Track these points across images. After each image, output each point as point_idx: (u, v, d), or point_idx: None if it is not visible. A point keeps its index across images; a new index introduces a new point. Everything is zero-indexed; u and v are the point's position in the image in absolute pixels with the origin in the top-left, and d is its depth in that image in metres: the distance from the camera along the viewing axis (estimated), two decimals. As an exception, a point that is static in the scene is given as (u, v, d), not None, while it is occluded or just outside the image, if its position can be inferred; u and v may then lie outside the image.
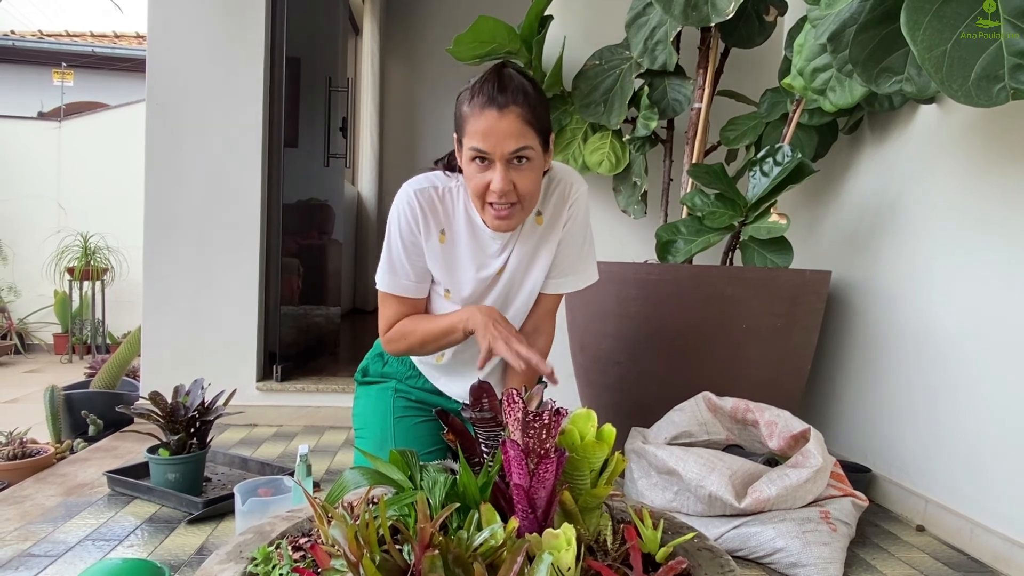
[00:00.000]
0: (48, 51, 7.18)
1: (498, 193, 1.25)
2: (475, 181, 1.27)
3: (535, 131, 1.25)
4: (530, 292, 1.47)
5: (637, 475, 1.67)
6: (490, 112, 1.22)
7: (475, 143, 1.23)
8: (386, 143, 5.78)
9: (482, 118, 1.22)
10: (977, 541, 1.58)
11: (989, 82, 1.20)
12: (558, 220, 1.43)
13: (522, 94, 1.24)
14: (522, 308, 1.49)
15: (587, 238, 1.49)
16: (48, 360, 5.27)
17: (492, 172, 1.24)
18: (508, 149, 1.22)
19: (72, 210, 5.69)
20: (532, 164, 1.27)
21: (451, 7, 5.51)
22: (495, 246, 1.41)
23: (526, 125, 1.23)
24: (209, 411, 1.79)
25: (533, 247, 1.44)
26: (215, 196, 2.59)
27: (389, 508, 0.82)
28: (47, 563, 1.37)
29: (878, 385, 2.00)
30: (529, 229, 1.43)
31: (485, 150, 1.23)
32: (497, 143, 1.22)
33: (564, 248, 1.46)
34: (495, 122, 1.21)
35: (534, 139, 1.25)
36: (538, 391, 0.95)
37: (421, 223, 1.38)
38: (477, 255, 1.41)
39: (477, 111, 1.23)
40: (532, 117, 1.24)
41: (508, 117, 1.21)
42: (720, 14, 1.91)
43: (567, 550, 0.73)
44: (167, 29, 2.56)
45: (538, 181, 1.31)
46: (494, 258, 1.43)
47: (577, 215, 1.44)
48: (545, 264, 1.45)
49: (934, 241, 1.80)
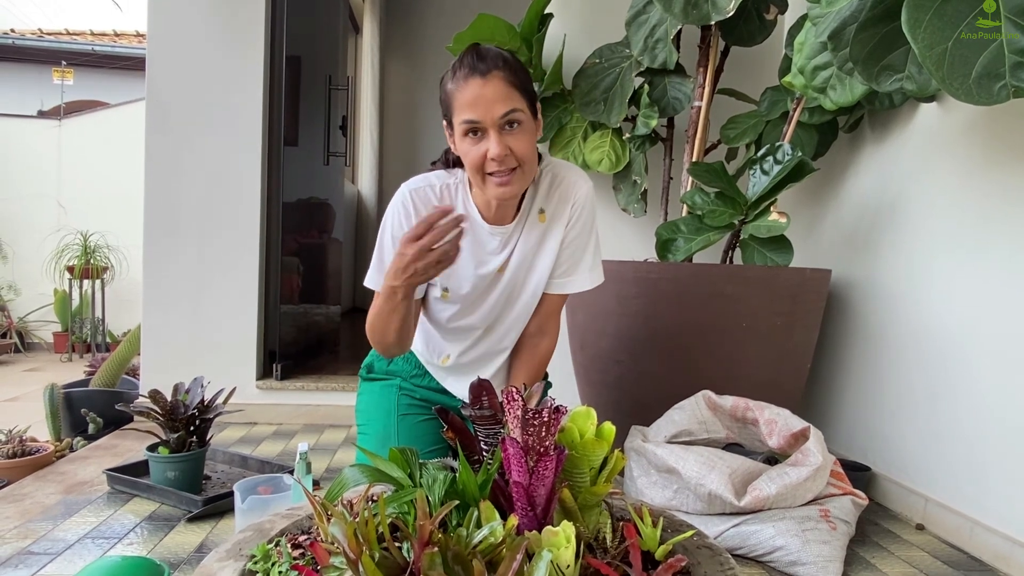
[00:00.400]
0: (48, 49, 7.18)
1: (497, 159, 1.24)
2: (472, 155, 1.26)
3: (521, 94, 1.26)
4: (533, 292, 1.46)
5: (637, 473, 1.67)
6: (474, 81, 1.23)
7: (465, 115, 1.24)
8: (386, 141, 5.77)
9: (467, 88, 1.23)
10: (977, 540, 1.58)
11: (990, 80, 1.19)
12: (561, 217, 1.42)
13: (501, 60, 1.26)
14: (526, 308, 1.48)
15: (593, 237, 1.47)
16: (48, 358, 5.28)
17: (487, 141, 1.25)
18: (498, 113, 1.23)
19: (72, 209, 5.69)
20: (524, 128, 1.27)
21: (451, 5, 5.51)
22: (494, 243, 1.41)
23: (511, 87, 1.24)
24: (209, 409, 1.79)
25: (536, 245, 1.43)
26: (215, 194, 2.59)
27: (388, 506, 0.82)
28: (47, 561, 1.37)
29: (878, 383, 1.99)
30: (531, 227, 1.42)
31: (476, 119, 1.23)
32: (487, 109, 1.22)
33: (569, 247, 1.45)
34: (480, 89, 1.22)
35: (521, 101, 1.26)
36: (538, 389, 0.95)
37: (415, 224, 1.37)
38: (476, 251, 1.40)
39: (461, 83, 1.24)
40: (516, 80, 1.25)
41: (492, 82, 1.23)
42: (720, 12, 1.91)
43: (566, 548, 0.73)
44: (167, 28, 2.56)
45: (533, 144, 1.30)
46: (494, 255, 1.42)
47: (582, 214, 1.43)
48: (548, 263, 1.44)
49: (934, 239, 1.80)
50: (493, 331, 1.51)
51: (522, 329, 1.52)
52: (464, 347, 1.51)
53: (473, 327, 1.49)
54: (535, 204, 1.42)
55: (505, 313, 1.48)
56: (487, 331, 1.51)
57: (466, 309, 1.46)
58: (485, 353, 1.53)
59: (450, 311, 1.46)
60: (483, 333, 1.51)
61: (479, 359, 1.54)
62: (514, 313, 1.48)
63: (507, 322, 1.50)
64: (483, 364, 1.54)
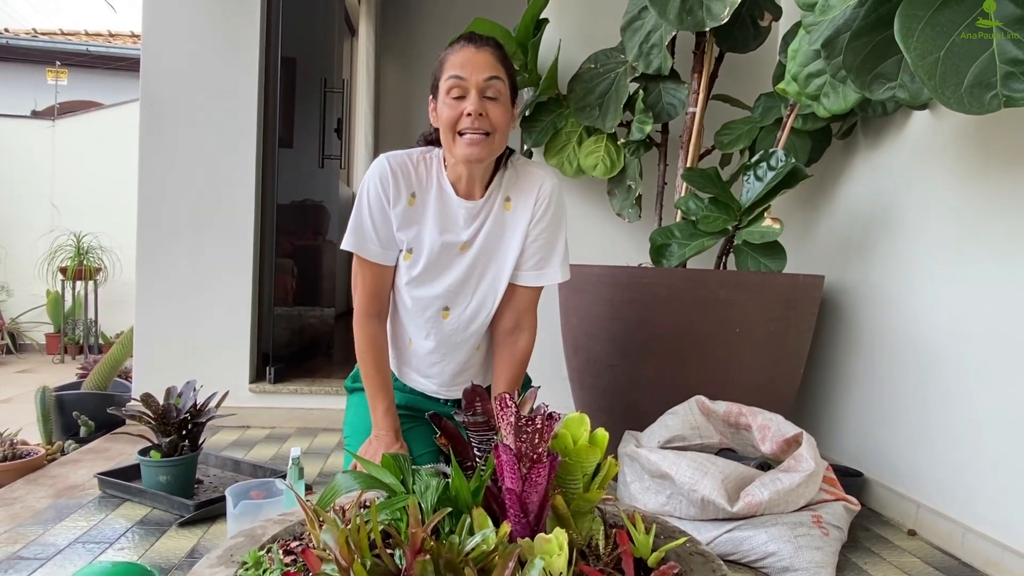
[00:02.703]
0: (42, 49, 7.14)
1: (472, 114, 1.34)
2: (449, 111, 1.36)
3: (505, 72, 1.40)
4: (494, 276, 1.49)
5: (630, 479, 1.67)
6: (468, 48, 1.38)
7: (453, 71, 1.36)
8: (381, 144, 5.77)
9: (461, 52, 1.38)
10: (968, 545, 1.59)
11: (981, 89, 1.20)
12: (526, 209, 1.48)
13: (495, 42, 1.41)
14: (488, 291, 1.50)
15: (560, 233, 1.52)
16: (40, 360, 5.24)
17: (466, 101, 1.36)
18: (483, 76, 1.35)
19: (65, 209, 5.66)
20: (502, 101, 1.38)
21: (447, 9, 5.51)
22: (463, 215, 1.46)
23: (499, 63, 1.39)
24: (201, 413, 1.78)
25: (500, 230, 1.48)
26: (209, 196, 2.58)
27: (381, 512, 0.82)
28: (36, 566, 1.36)
29: (871, 390, 2.00)
30: (497, 212, 1.48)
31: (462, 75, 1.35)
32: (473, 70, 1.35)
33: (537, 240, 1.49)
34: (472, 55, 1.37)
35: (504, 76, 1.39)
36: (531, 395, 0.95)
37: (391, 188, 1.44)
38: (443, 219, 1.46)
39: (456, 49, 1.39)
40: (504, 60, 1.40)
41: (484, 52, 1.38)
42: (715, 19, 1.92)
43: (559, 555, 0.73)
44: (161, 29, 2.55)
45: (507, 118, 1.41)
46: (462, 229, 1.46)
47: (548, 208, 1.49)
48: (513, 252, 1.48)
49: (927, 246, 1.81)
50: (452, 311, 1.50)
51: (487, 320, 1.53)
52: (426, 328, 1.51)
53: (434, 298, 1.49)
54: (502, 190, 1.48)
55: (465, 291, 1.49)
56: (447, 310, 1.50)
57: (426, 275, 1.48)
58: (447, 339, 1.52)
59: (411, 273, 1.48)
60: (443, 312, 1.50)
61: (442, 345, 1.53)
62: (477, 295, 1.50)
63: (469, 305, 1.50)
64: (450, 354, 1.54)
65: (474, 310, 1.51)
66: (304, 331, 3.16)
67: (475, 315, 1.51)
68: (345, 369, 3.00)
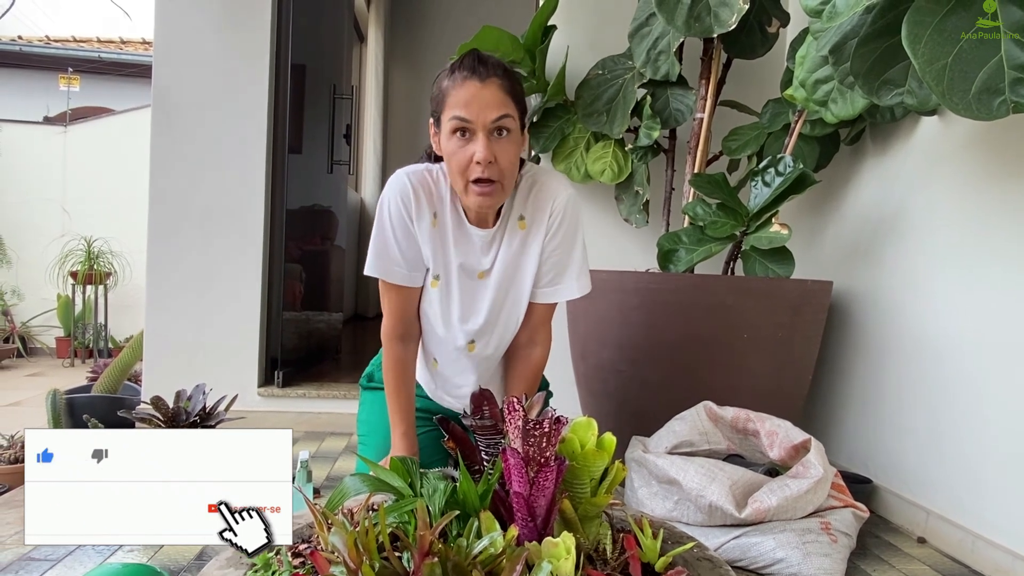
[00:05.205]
0: (54, 56, 7.21)
1: (482, 162, 1.24)
2: (458, 156, 1.27)
3: (514, 103, 1.28)
4: (515, 299, 1.45)
5: (637, 484, 1.67)
6: (472, 82, 1.25)
7: (457, 111, 1.25)
8: (389, 150, 5.80)
9: (464, 88, 1.25)
10: (978, 553, 1.58)
11: (990, 95, 1.20)
12: (540, 224, 1.41)
13: (501, 68, 1.28)
14: (509, 318, 1.47)
15: (578, 245, 1.46)
16: (50, 364, 5.28)
17: (474, 144, 1.25)
18: (490, 117, 1.24)
19: (76, 214, 5.71)
20: (512, 137, 1.28)
21: (455, 16, 5.54)
22: (480, 242, 1.40)
23: (507, 95, 1.27)
24: (210, 416, 1.79)
25: (518, 251, 1.42)
26: (219, 201, 2.60)
27: (389, 515, 0.82)
28: (47, 567, 1.37)
29: (879, 396, 1.99)
30: (512, 233, 1.41)
31: (467, 118, 1.24)
32: (480, 110, 1.24)
33: (552, 256, 1.43)
34: (477, 91, 1.24)
35: (514, 111, 1.28)
36: (538, 399, 0.95)
37: (414, 206, 1.36)
38: (461, 243, 1.40)
39: (459, 82, 1.26)
40: (512, 90, 1.28)
41: (490, 87, 1.25)
42: (722, 25, 1.92)
43: (566, 559, 0.73)
44: (173, 36, 2.58)
45: (517, 157, 1.32)
46: (480, 255, 1.41)
47: (563, 223, 1.42)
48: (531, 270, 1.43)
49: (936, 252, 1.80)
50: (478, 343, 1.49)
51: (509, 341, 1.51)
52: (454, 355, 1.50)
53: (460, 334, 1.47)
54: (514, 210, 1.41)
55: (490, 321, 1.46)
56: (473, 343, 1.49)
57: (449, 301, 1.44)
58: (473, 364, 1.52)
59: (436, 303, 1.44)
60: (469, 345, 1.49)
61: (468, 369, 1.52)
62: (500, 321, 1.47)
63: (493, 335, 1.48)
64: (471, 374, 1.53)
65: (499, 337, 1.49)
66: (312, 335, 3.18)
67: (500, 342, 1.50)
68: (353, 373, 3.01)
